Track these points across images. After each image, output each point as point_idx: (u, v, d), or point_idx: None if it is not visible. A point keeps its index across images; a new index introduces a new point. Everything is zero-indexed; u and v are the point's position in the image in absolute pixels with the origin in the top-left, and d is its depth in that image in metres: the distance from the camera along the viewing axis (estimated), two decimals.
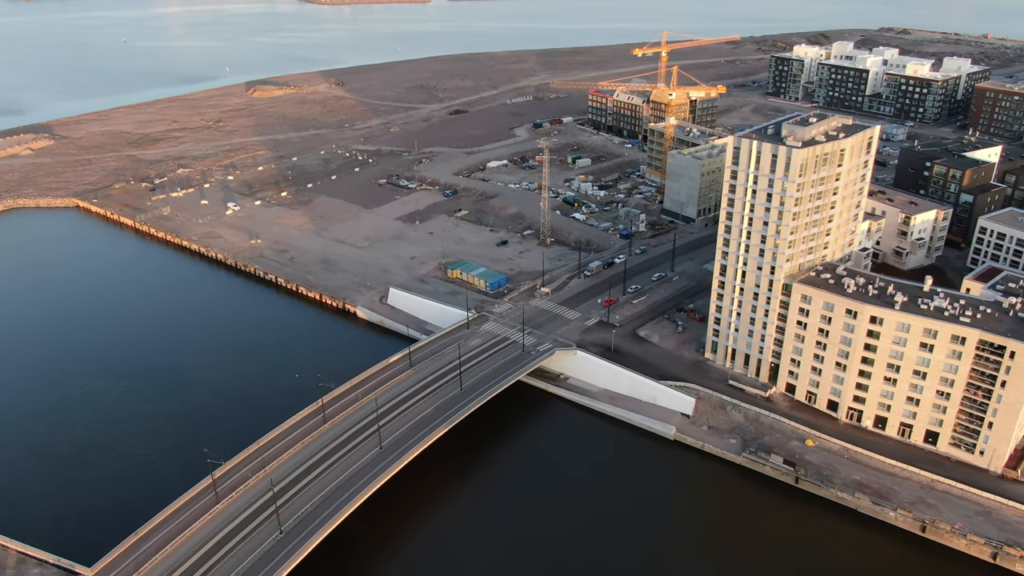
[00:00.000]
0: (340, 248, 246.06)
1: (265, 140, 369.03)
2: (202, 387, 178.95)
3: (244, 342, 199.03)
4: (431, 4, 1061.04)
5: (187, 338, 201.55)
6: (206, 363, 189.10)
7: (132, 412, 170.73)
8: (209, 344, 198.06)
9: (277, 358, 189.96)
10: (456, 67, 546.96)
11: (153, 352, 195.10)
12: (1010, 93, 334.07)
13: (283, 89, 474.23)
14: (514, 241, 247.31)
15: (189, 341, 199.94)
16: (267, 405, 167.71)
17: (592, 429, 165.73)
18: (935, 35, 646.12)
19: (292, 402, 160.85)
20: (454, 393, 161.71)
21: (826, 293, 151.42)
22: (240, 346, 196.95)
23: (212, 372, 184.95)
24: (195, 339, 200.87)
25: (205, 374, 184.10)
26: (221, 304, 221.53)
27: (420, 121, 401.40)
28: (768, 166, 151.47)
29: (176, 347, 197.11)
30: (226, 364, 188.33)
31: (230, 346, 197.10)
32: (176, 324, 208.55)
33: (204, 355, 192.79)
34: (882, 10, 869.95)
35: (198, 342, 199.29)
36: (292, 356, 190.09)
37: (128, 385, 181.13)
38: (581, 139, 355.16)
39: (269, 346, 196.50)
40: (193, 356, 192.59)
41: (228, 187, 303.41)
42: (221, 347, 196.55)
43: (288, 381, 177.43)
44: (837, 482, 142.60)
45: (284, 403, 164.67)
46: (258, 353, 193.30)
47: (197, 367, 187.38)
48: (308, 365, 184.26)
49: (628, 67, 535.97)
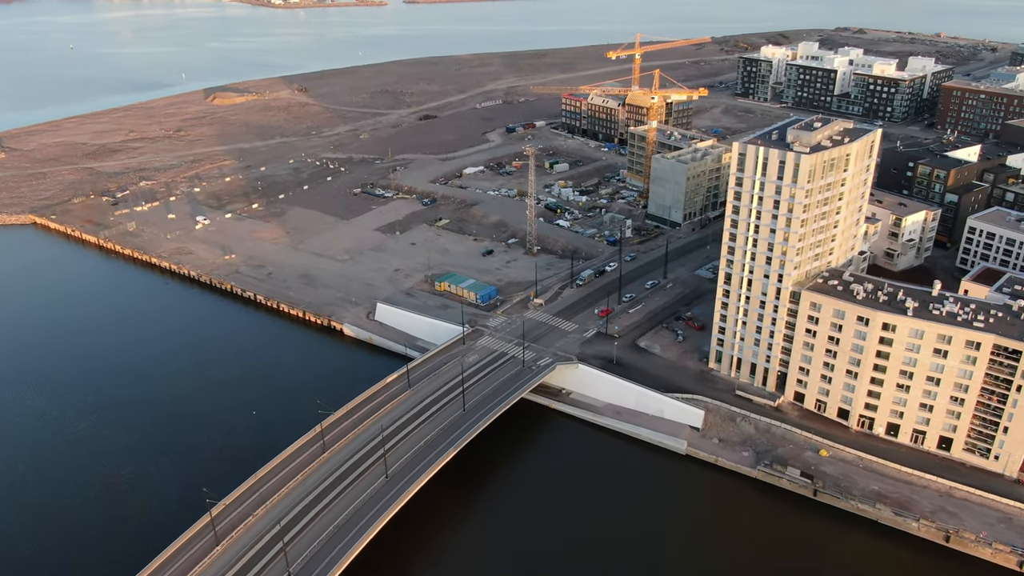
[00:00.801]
0: (319, 262, 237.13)
1: (230, 149, 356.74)
2: (185, 416, 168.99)
3: (226, 364, 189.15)
4: (387, 7, 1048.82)
5: (163, 362, 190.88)
6: (187, 389, 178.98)
7: (110, 446, 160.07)
8: (189, 368, 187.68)
9: (264, 381, 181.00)
10: (421, 71, 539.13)
11: (127, 379, 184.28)
12: (976, 92, 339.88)
13: (244, 96, 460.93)
14: (499, 250, 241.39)
15: (166, 365, 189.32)
16: (259, 433, 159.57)
17: (599, 445, 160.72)
18: (890, 34, 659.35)
19: (286, 429, 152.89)
20: (457, 414, 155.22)
21: (836, 300, 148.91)
22: (222, 369, 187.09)
23: (195, 399, 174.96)
24: (172, 363, 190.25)
25: (188, 401, 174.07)
26: (197, 324, 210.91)
27: (389, 127, 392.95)
28: (775, 172, 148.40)
29: (152, 372, 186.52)
30: (209, 389, 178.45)
31: (211, 369, 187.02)
32: (149, 347, 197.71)
33: (184, 380, 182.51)
34: (835, 10, 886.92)
35: (176, 366, 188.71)
36: (280, 379, 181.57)
37: (102, 416, 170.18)
38: (556, 143, 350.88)
39: (254, 368, 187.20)
40: (172, 382, 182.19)
41: (195, 200, 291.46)
42: (202, 371, 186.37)
43: (279, 407, 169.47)
44: (856, 493, 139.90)
45: (278, 431, 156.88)
46: (243, 376, 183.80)
47: (178, 394, 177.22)
48: (297, 388, 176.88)
49: (595, 69, 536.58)
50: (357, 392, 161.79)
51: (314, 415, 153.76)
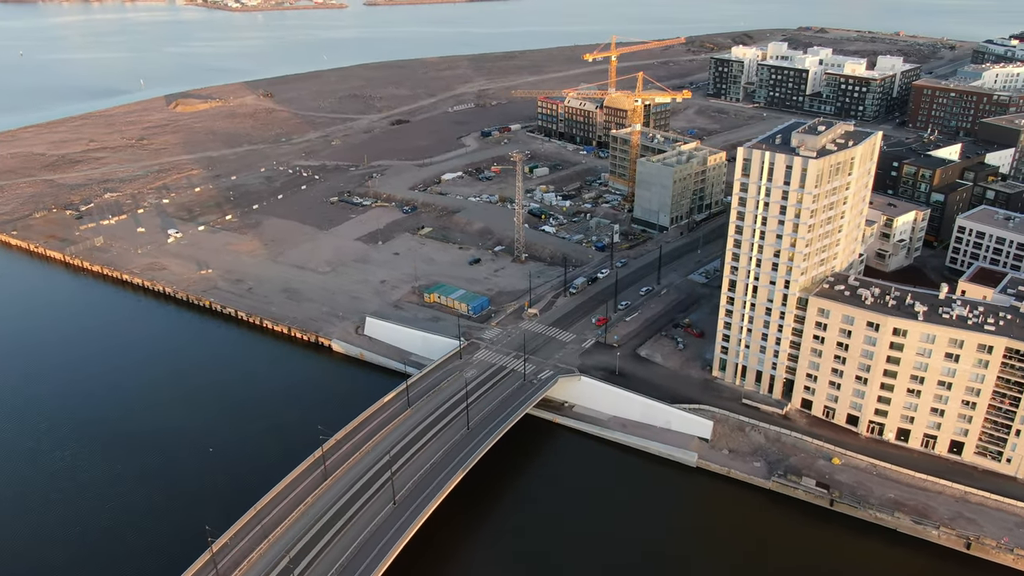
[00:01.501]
0: (301, 275, 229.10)
1: (197, 158, 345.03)
2: (171, 443, 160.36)
3: (210, 386, 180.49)
4: (347, 9, 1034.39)
5: (143, 385, 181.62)
6: (170, 413, 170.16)
7: (92, 479, 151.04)
8: (170, 391, 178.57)
9: (252, 403, 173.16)
10: (388, 75, 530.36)
11: (105, 404, 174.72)
12: (946, 90, 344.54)
13: (208, 102, 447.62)
14: (486, 259, 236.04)
15: (146, 388, 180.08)
16: (254, 460, 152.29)
17: (607, 460, 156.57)
18: (851, 33, 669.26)
19: (282, 455, 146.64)
20: (461, 433, 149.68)
21: (845, 306, 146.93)
22: (206, 391, 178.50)
23: (179, 424, 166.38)
24: (153, 385, 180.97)
25: (171, 427, 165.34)
26: (176, 344, 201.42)
27: (361, 133, 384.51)
28: (782, 177, 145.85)
29: (132, 396, 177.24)
30: (194, 413, 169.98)
31: (195, 391, 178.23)
32: (126, 369, 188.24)
33: (166, 404, 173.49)
34: (794, 10, 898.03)
35: (157, 389, 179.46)
36: (269, 400, 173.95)
37: (81, 446, 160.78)
38: (533, 147, 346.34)
39: (240, 390, 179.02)
40: (154, 406, 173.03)
41: (165, 212, 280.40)
42: (184, 393, 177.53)
43: (272, 430, 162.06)
44: (874, 502, 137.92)
45: (273, 456, 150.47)
46: (229, 398, 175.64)
47: (160, 419, 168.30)
48: (288, 410, 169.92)
49: (565, 71, 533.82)
50: (352, 412, 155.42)
51: (309, 438, 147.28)
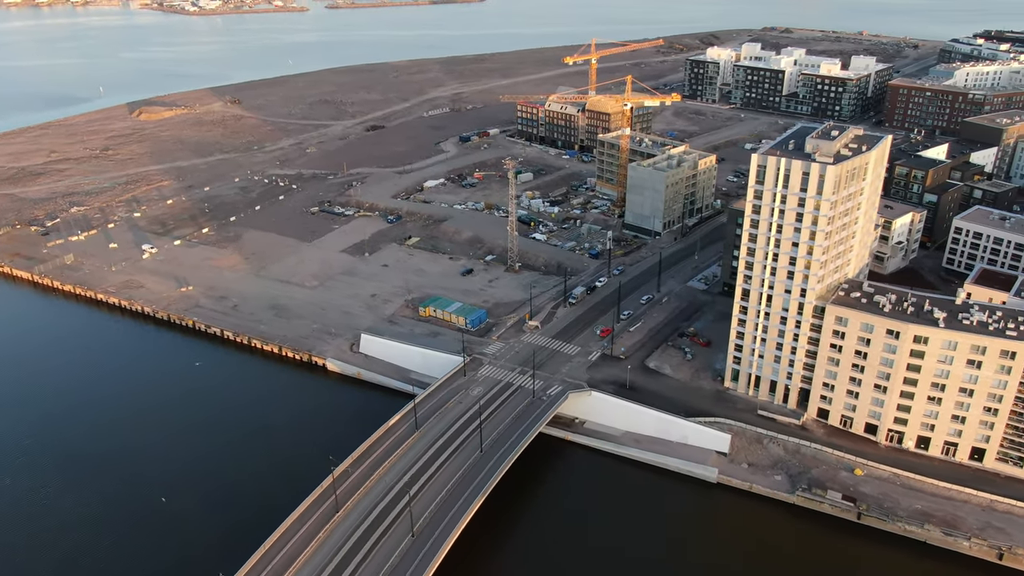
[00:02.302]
0: (287, 290, 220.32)
1: (167, 169, 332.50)
2: (161, 477, 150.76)
3: (198, 411, 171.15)
4: (309, 12, 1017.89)
5: (126, 412, 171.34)
6: (158, 443, 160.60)
7: (77, 519, 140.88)
8: (156, 418, 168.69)
9: (248, 430, 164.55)
10: (357, 79, 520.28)
11: (86, 435, 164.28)
12: (921, 89, 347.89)
13: (173, 110, 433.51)
14: (479, 268, 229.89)
15: (129, 416, 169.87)
16: (257, 494, 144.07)
17: (623, 477, 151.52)
18: (816, 33, 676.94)
19: (284, 486, 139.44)
20: (475, 456, 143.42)
21: (864, 314, 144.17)
22: (195, 416, 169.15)
23: (171, 455, 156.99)
24: (136, 413, 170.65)
25: (160, 459, 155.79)
26: (158, 366, 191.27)
27: (336, 139, 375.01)
28: (798, 184, 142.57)
29: (115, 425, 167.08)
30: (184, 443, 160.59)
31: (182, 418, 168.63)
32: (107, 396, 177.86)
33: (152, 433, 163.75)
34: (755, 10, 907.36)
35: (141, 416, 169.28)
36: (263, 425, 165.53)
37: (63, 481, 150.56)
38: (515, 151, 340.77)
39: (233, 415, 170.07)
40: (139, 435, 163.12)
41: (137, 226, 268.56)
42: (172, 420, 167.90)
43: (270, 458, 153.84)
44: (902, 514, 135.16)
45: (274, 487, 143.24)
46: (221, 424, 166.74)
47: (148, 450, 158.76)
48: (286, 436, 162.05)
49: (537, 73, 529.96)
50: (355, 435, 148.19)
51: (313, 466, 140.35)
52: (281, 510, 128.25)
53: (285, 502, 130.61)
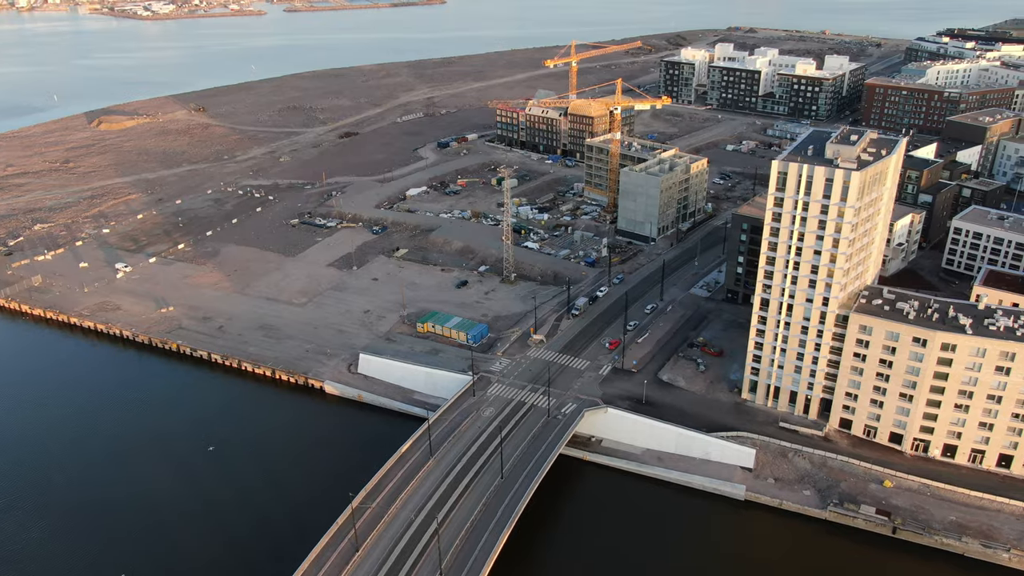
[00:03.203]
0: (275, 308, 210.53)
1: (133, 181, 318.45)
2: (159, 517, 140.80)
3: (194, 443, 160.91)
4: (266, 16, 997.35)
5: (114, 446, 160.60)
6: (153, 480, 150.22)
7: (70, 565, 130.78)
8: (147, 452, 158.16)
9: (247, 462, 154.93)
10: (325, 84, 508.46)
11: (75, 473, 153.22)
12: (898, 88, 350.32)
13: (134, 119, 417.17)
14: (473, 280, 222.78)
15: (118, 451, 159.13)
16: (267, 534, 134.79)
17: (646, 498, 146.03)
18: (780, 32, 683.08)
19: (297, 523, 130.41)
20: (496, 483, 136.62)
21: (889, 322, 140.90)
22: (191, 450, 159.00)
23: (166, 493, 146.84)
24: (125, 447, 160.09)
25: (157, 497, 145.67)
26: (144, 395, 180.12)
27: (310, 147, 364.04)
28: (821, 191, 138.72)
29: (104, 461, 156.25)
30: (182, 479, 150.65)
31: (178, 451, 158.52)
32: (90, 429, 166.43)
33: (146, 468, 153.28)
34: (715, 10, 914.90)
35: (131, 451, 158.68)
36: (264, 455, 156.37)
37: (52, 523, 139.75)
38: (495, 157, 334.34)
39: (229, 447, 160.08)
40: (132, 472, 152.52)
41: (107, 243, 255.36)
42: (165, 453, 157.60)
43: (278, 492, 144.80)
44: (937, 527, 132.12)
45: (288, 527, 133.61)
46: (218, 457, 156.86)
47: (143, 487, 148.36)
48: (289, 467, 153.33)
49: (509, 76, 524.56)
50: (363, 464, 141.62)
51: (322, 500, 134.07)
52: (295, 552, 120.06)
53: (298, 543, 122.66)
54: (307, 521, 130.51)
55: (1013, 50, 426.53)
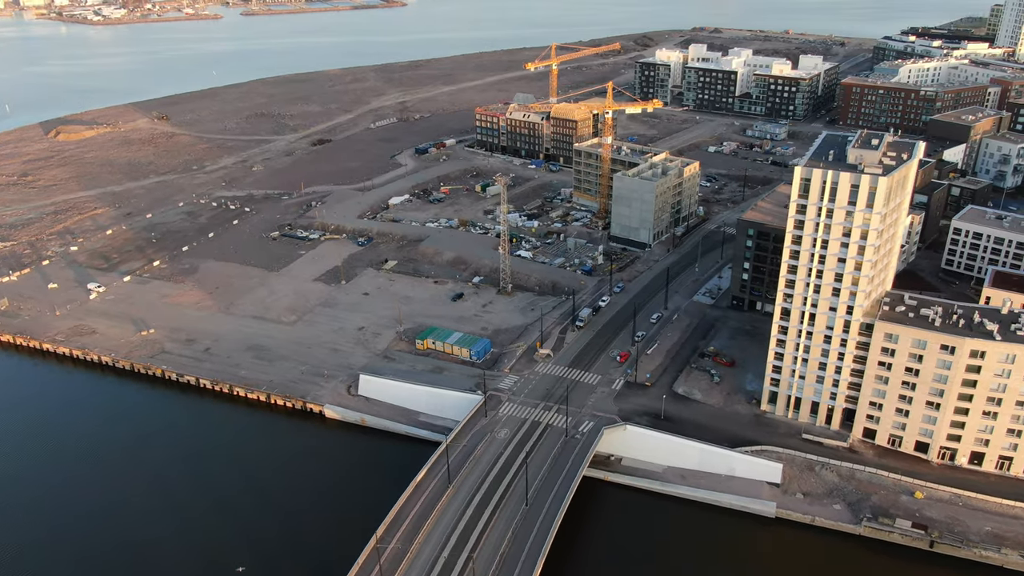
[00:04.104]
0: (263, 328, 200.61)
1: (99, 195, 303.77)
2: (156, 564, 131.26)
3: (188, 477, 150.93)
4: (223, 20, 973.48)
5: (98, 484, 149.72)
6: (147, 522, 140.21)
7: None
8: (136, 490, 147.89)
9: (250, 497, 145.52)
10: (291, 89, 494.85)
11: (57, 518, 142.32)
12: (875, 87, 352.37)
13: (94, 128, 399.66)
14: (468, 292, 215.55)
15: (104, 490, 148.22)
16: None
17: (673, 518, 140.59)
18: (744, 33, 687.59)
19: (313, 563, 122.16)
20: (522, 511, 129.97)
21: (916, 330, 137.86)
22: (187, 485, 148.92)
23: (168, 544, 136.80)
24: (117, 487, 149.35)
25: (158, 552, 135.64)
26: (129, 428, 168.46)
27: (282, 156, 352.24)
28: (846, 197, 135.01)
29: (92, 502, 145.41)
30: (183, 527, 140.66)
31: (173, 488, 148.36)
32: (77, 465, 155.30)
33: (135, 509, 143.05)
34: (675, 11, 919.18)
35: (117, 490, 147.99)
36: (268, 488, 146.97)
37: (37, 571, 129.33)
38: (477, 163, 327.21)
39: (229, 481, 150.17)
40: (125, 522, 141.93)
41: (76, 262, 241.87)
42: (158, 491, 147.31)
43: (286, 528, 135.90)
44: (974, 538, 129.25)
45: (305, 568, 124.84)
46: (216, 492, 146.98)
47: (135, 531, 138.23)
48: (293, 500, 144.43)
49: (479, 79, 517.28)
50: (375, 494, 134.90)
51: (337, 538, 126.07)
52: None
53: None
54: (326, 564, 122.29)
55: (978, 48, 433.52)
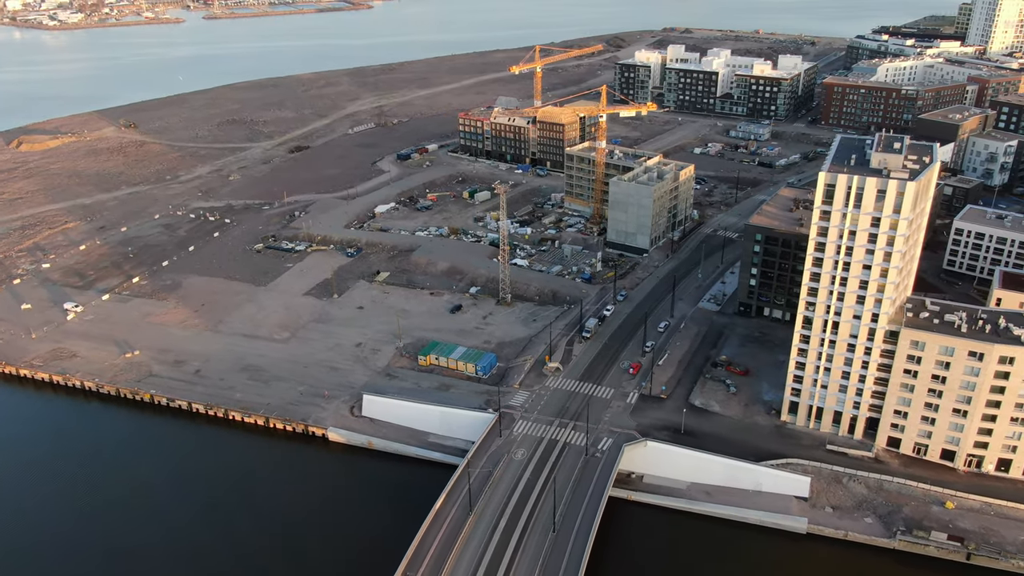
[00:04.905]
0: (255, 346, 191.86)
1: (69, 208, 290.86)
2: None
3: (188, 513, 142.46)
4: (184, 24, 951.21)
5: (99, 528, 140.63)
6: (149, 567, 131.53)
7: None
8: (138, 529, 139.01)
9: (257, 531, 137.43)
10: (262, 95, 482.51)
11: (47, 563, 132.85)
12: (856, 87, 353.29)
13: (59, 138, 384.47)
14: (467, 304, 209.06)
15: (105, 533, 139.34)
16: None
17: (701, 537, 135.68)
18: (715, 33, 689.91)
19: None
20: (550, 539, 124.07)
21: (943, 337, 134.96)
22: (187, 521, 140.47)
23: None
24: (110, 527, 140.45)
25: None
26: (118, 459, 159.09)
27: (259, 164, 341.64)
28: (872, 203, 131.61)
29: (86, 547, 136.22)
30: (184, 561, 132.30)
31: (170, 524, 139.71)
32: (66, 505, 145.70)
33: (141, 552, 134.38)
34: (643, 12, 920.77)
35: (118, 532, 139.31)
36: (276, 522, 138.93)
37: None
38: (461, 168, 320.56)
39: (230, 513, 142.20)
40: (125, 560, 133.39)
41: (50, 280, 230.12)
42: (158, 529, 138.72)
43: (297, 565, 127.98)
44: (1011, 549, 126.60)
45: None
46: (226, 530, 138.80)
47: (137, 572, 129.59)
48: (306, 531, 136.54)
49: (455, 82, 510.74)
50: (391, 524, 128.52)
51: (351, 572, 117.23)
52: None
53: None
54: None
55: (951, 46, 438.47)
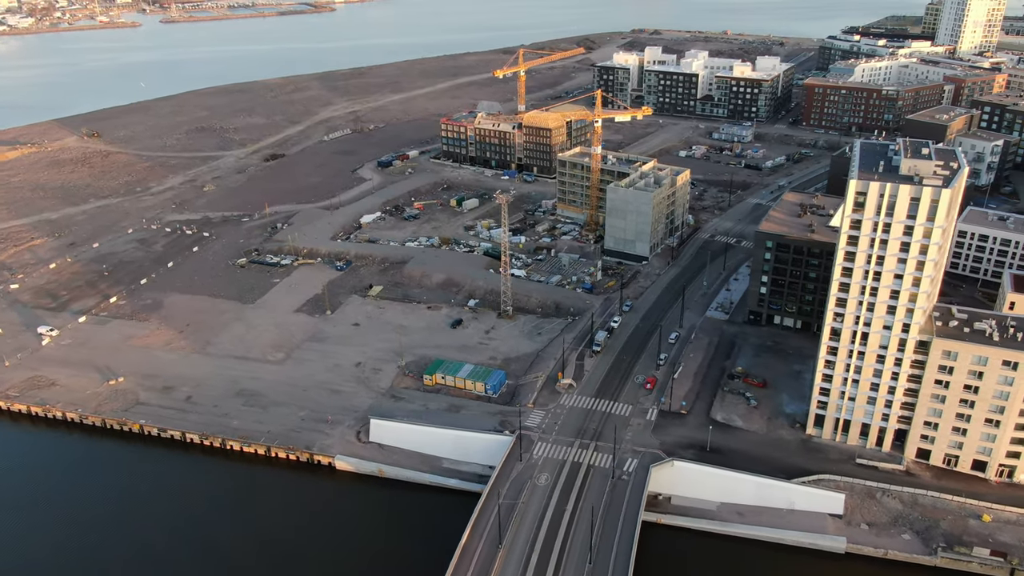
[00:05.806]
0: (248, 368, 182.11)
1: (34, 223, 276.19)
2: None
3: (189, 550, 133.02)
4: (141, 28, 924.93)
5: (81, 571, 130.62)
6: None
7: None
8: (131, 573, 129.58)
9: (264, 569, 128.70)
10: (231, 101, 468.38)
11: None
12: (836, 88, 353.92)
13: (17, 148, 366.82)
14: (467, 318, 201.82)
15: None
16: None
17: (737, 561, 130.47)
18: (684, 34, 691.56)
19: None
20: (587, 571, 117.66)
21: (976, 346, 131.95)
22: (186, 558, 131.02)
23: None
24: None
25: None
26: (108, 497, 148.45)
27: (234, 173, 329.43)
28: (906, 211, 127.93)
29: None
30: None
31: (170, 567, 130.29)
32: (50, 547, 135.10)
33: None
34: (609, 13, 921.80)
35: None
36: (290, 564, 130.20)
37: None
38: (446, 175, 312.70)
39: (242, 557, 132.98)
40: None
41: (19, 302, 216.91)
42: (157, 571, 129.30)
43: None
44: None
45: None
46: (226, 565, 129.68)
47: None
48: (320, 571, 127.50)
49: (428, 86, 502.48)
50: (413, 562, 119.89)
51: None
52: None
53: None
54: None
55: (922, 46, 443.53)
